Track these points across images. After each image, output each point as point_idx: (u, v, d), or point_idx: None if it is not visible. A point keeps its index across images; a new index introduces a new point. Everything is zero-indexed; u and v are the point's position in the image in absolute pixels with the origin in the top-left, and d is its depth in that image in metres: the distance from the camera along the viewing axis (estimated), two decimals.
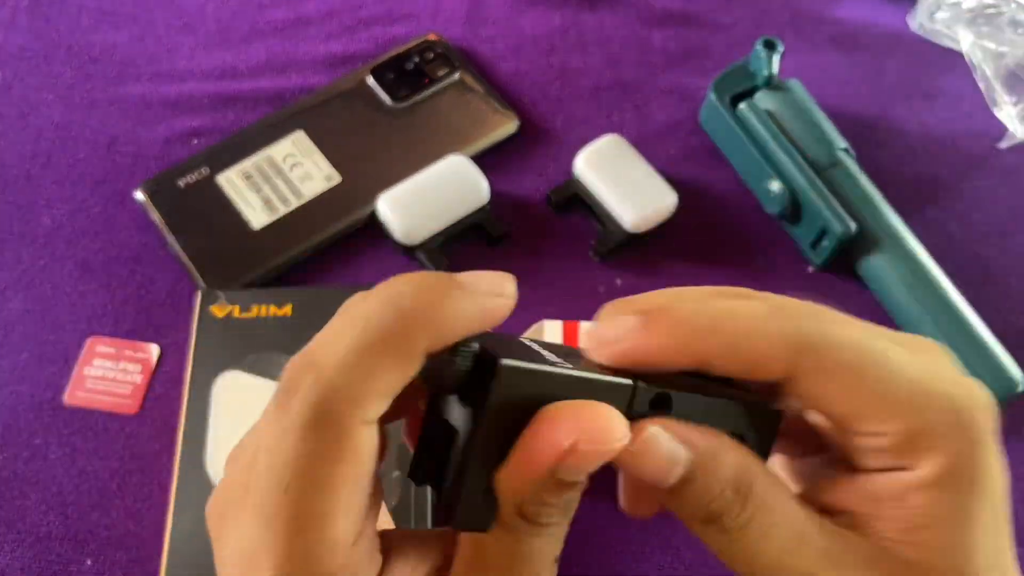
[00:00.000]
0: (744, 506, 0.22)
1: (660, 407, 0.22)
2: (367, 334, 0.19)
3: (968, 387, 0.24)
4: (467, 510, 0.21)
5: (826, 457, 0.26)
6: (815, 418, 0.25)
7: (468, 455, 0.21)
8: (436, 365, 0.20)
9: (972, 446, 0.23)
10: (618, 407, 0.21)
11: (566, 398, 0.21)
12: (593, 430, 0.20)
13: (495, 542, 0.22)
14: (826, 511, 0.23)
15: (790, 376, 0.22)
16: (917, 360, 0.23)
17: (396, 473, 0.41)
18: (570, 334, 0.44)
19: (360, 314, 0.20)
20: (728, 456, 0.22)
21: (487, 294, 0.22)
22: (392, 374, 0.20)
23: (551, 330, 0.44)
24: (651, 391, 0.22)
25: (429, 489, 0.27)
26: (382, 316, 0.20)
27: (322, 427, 0.19)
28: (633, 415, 0.22)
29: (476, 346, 0.21)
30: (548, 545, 0.23)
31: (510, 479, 0.21)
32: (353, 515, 0.20)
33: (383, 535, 0.23)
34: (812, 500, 0.24)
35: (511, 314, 0.23)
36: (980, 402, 0.23)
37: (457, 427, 0.21)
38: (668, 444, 0.21)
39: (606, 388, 0.21)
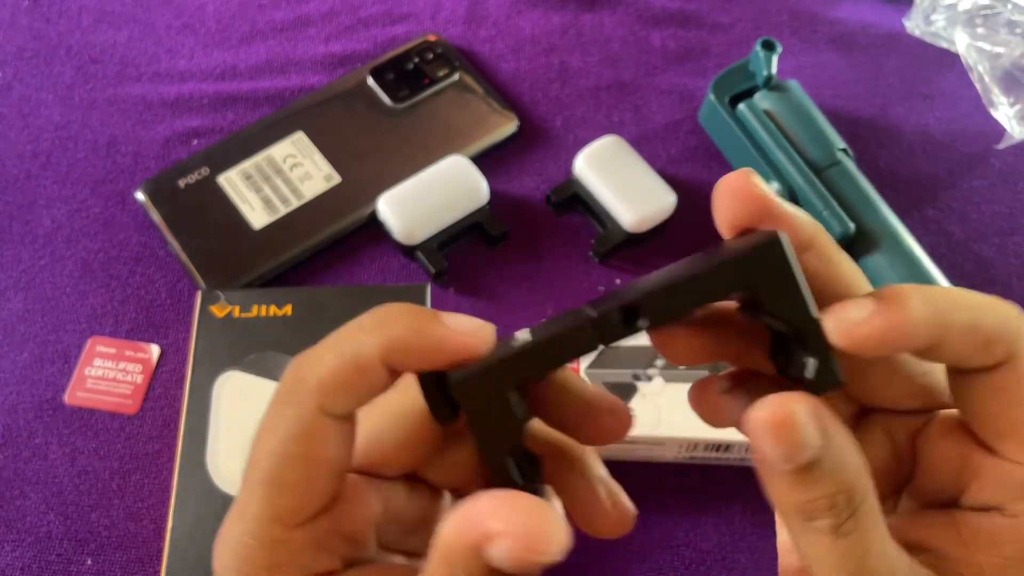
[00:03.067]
0: (852, 516, 0.21)
1: (632, 317, 0.22)
2: (339, 360, 0.22)
3: None
4: None
5: (906, 501, 0.25)
6: (928, 450, 0.24)
7: (481, 458, 0.22)
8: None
9: None
10: (591, 344, 0.21)
11: (534, 367, 0.22)
12: (521, 531, 0.19)
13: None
14: (909, 547, 0.23)
15: (995, 366, 0.22)
16: None
17: None
18: None
19: (338, 339, 0.23)
20: (854, 460, 0.21)
21: (460, 332, 0.23)
22: (355, 383, 0.22)
23: None
24: (614, 312, 0.21)
25: None
26: (359, 335, 0.23)
27: (292, 405, 0.22)
28: (609, 341, 0.22)
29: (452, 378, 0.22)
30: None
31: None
32: (312, 492, 0.22)
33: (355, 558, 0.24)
34: (896, 534, 0.23)
35: (513, 314, 0.23)
36: None
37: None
38: (807, 428, 0.20)
39: (566, 336, 0.22)
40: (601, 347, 0.22)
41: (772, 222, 0.23)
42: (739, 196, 0.24)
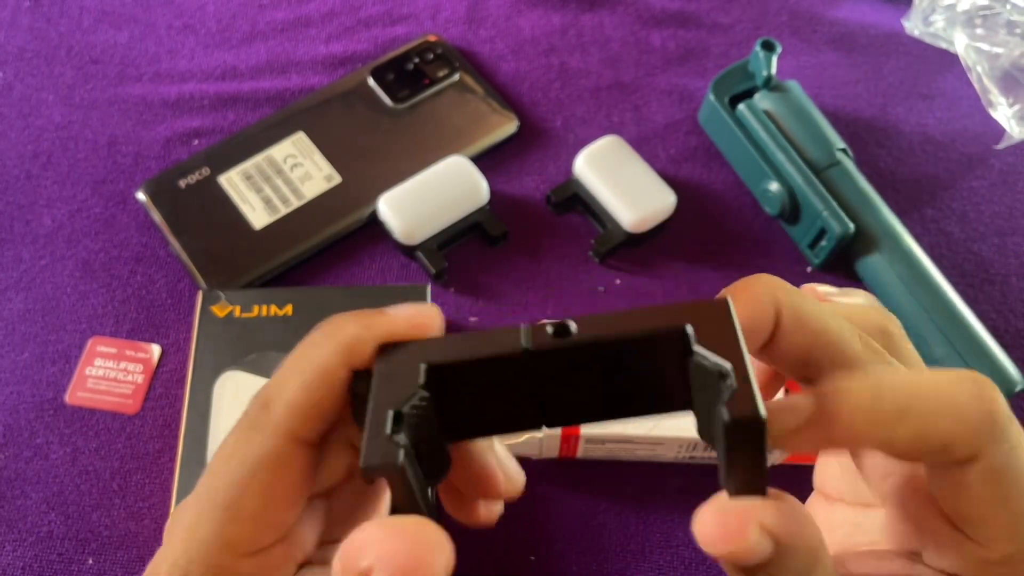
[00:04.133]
0: None
1: (562, 329, 0.22)
2: (303, 364, 0.23)
3: None
4: (370, 448, 0.21)
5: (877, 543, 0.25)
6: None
7: (367, 409, 0.22)
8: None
9: None
10: (515, 345, 0.22)
11: (456, 352, 0.22)
12: (398, 565, 0.19)
13: None
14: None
15: (963, 461, 0.21)
16: None
17: None
18: None
19: (299, 351, 0.24)
20: (803, 547, 0.20)
21: (404, 317, 0.23)
22: (321, 397, 0.22)
23: None
24: (546, 323, 0.22)
25: None
26: (314, 349, 0.23)
27: (258, 431, 0.22)
28: (536, 346, 0.22)
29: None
30: None
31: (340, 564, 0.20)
32: (272, 521, 0.22)
33: None
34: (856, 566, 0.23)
35: (513, 314, 0.24)
36: None
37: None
38: (763, 545, 0.19)
39: (495, 335, 0.22)
40: (524, 348, 0.22)
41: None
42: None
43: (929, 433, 0.20)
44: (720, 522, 0.20)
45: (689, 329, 0.21)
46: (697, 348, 0.21)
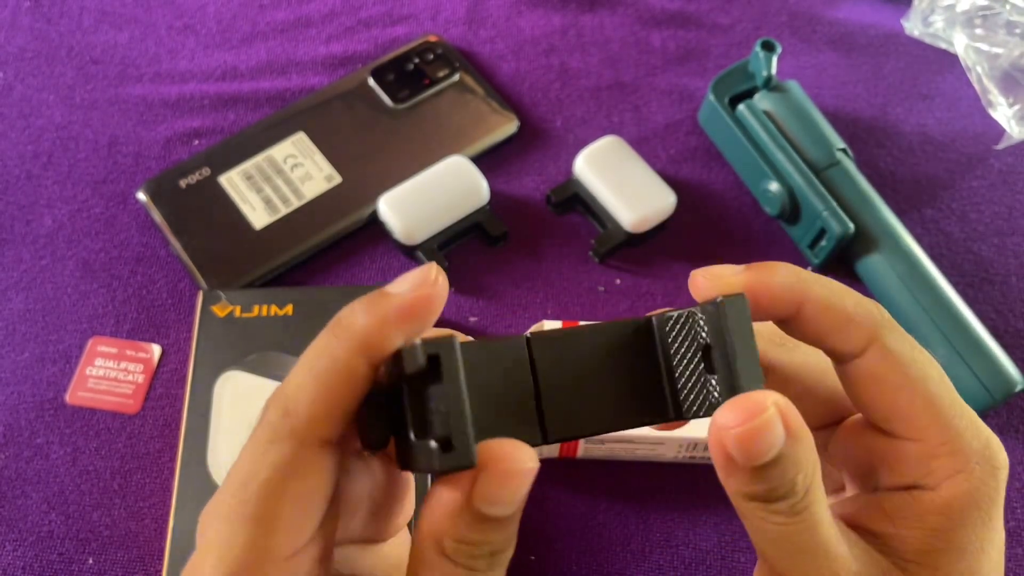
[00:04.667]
0: (806, 495, 0.22)
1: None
2: (314, 370, 0.22)
3: (994, 437, 0.25)
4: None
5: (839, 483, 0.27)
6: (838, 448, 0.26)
7: (458, 399, 0.21)
8: (395, 365, 0.22)
9: (996, 481, 0.24)
10: (520, 346, 0.23)
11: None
12: (499, 455, 0.21)
13: None
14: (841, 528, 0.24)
15: (862, 350, 0.24)
16: (959, 396, 0.24)
17: None
18: None
19: (308, 353, 0.23)
20: (808, 440, 0.22)
21: (410, 291, 0.23)
22: (342, 397, 0.22)
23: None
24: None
25: None
26: (320, 355, 0.22)
27: (280, 442, 0.22)
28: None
29: (418, 342, 0.22)
30: None
31: (429, 514, 0.22)
32: (299, 529, 0.22)
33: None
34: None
35: (513, 314, 0.24)
36: (1002, 448, 0.24)
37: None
38: (777, 431, 0.21)
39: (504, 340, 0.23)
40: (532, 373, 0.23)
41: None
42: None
43: (837, 304, 0.24)
44: (738, 406, 0.22)
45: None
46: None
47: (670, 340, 0.25)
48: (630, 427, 0.25)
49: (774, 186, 0.49)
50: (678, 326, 0.25)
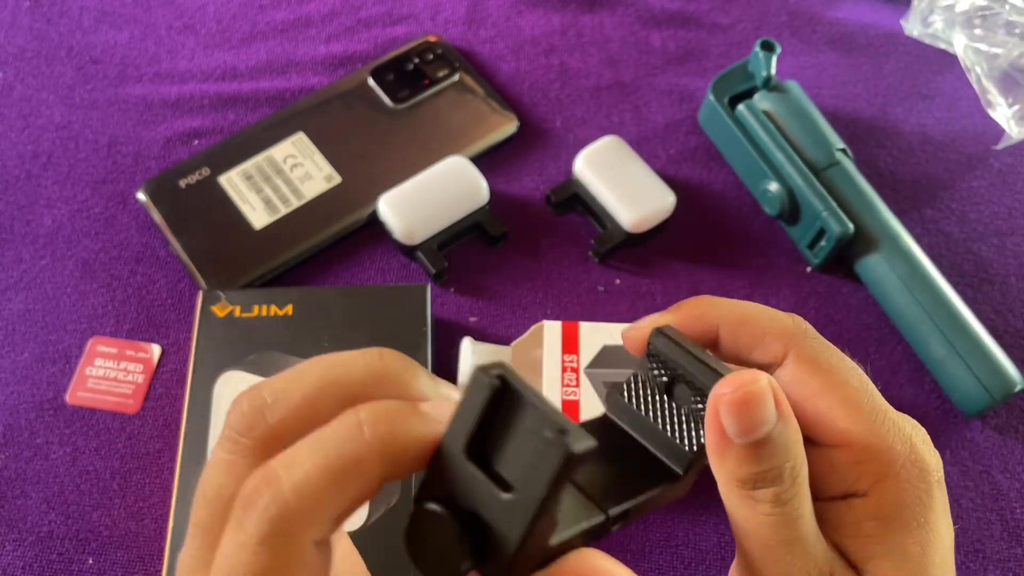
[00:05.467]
0: (792, 484, 0.23)
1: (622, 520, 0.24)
2: (327, 462, 0.20)
3: (923, 433, 0.25)
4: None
5: None
6: None
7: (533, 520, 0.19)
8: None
9: (925, 483, 0.24)
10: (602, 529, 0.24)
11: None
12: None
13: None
14: None
15: (781, 360, 0.25)
16: (881, 398, 0.25)
17: None
18: (569, 334, 0.44)
19: (323, 439, 0.20)
20: (797, 431, 0.23)
21: (444, 422, 0.21)
22: (346, 501, 0.20)
23: (551, 330, 0.44)
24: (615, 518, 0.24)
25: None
26: (341, 446, 0.20)
27: (275, 545, 0.19)
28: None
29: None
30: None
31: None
32: None
33: None
34: None
35: (513, 314, 0.24)
36: (931, 448, 0.25)
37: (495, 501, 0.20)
38: (768, 406, 0.22)
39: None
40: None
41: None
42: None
43: (751, 320, 0.25)
44: (732, 378, 0.23)
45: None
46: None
47: (637, 408, 0.26)
48: (659, 498, 0.25)
49: (774, 186, 0.49)
50: (633, 392, 0.25)
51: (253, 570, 0.19)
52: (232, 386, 0.43)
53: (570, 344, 0.44)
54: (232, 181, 0.50)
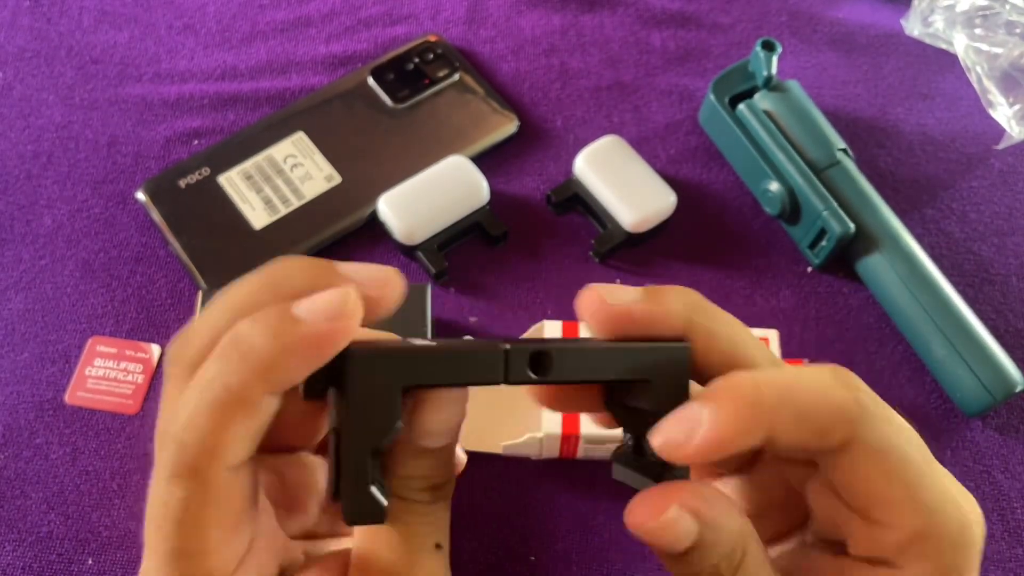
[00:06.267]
0: (736, 573, 0.22)
1: (539, 366, 0.22)
2: (204, 395, 0.21)
3: (971, 502, 0.24)
4: (353, 502, 0.21)
5: (806, 538, 0.26)
6: (814, 498, 0.25)
7: (340, 446, 0.21)
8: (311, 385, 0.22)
9: (967, 560, 0.23)
10: (494, 375, 0.21)
11: (433, 374, 0.21)
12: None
13: (371, 531, 0.23)
14: None
15: (839, 447, 0.22)
16: (937, 465, 0.23)
17: None
18: (569, 334, 0.44)
19: (201, 373, 0.21)
20: (729, 528, 0.22)
21: (325, 321, 0.21)
22: (240, 424, 0.21)
23: (551, 330, 0.44)
24: (525, 352, 0.22)
25: None
26: (215, 378, 0.21)
27: (183, 479, 0.21)
28: (512, 380, 0.22)
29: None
30: (423, 527, 0.23)
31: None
32: (229, 548, 0.22)
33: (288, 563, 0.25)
34: (789, 571, 0.24)
35: (513, 314, 0.24)
36: (979, 518, 0.24)
37: (334, 426, 0.22)
38: (685, 523, 0.22)
39: (474, 356, 0.21)
40: (501, 382, 0.22)
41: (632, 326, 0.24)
42: (598, 318, 0.24)
43: (809, 418, 0.22)
44: (643, 501, 0.22)
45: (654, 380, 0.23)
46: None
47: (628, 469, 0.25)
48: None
49: (774, 186, 0.49)
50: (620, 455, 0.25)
51: (166, 502, 0.21)
52: None
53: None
54: (232, 181, 0.50)
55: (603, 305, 0.23)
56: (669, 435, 0.22)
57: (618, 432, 0.25)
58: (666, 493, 0.22)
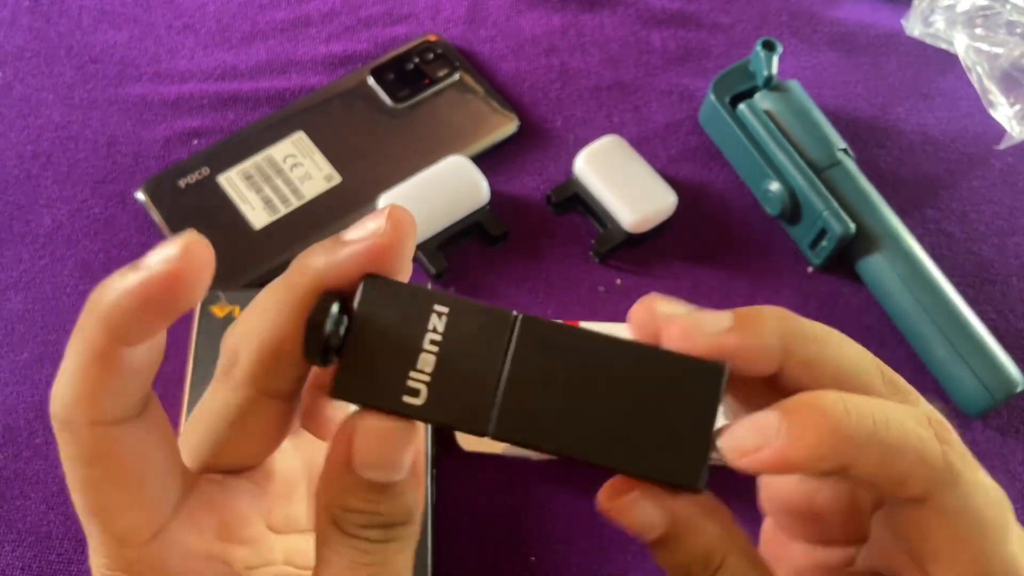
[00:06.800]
0: None
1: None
2: (73, 349, 0.21)
3: None
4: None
5: (856, 563, 0.25)
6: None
7: (348, 341, 0.21)
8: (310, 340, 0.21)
9: None
10: (499, 338, 0.21)
11: (432, 312, 0.21)
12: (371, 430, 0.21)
13: (322, 559, 0.21)
14: None
15: (915, 498, 0.21)
16: (1015, 533, 0.22)
17: None
18: None
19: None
20: (704, 531, 0.21)
21: (163, 263, 0.21)
22: (102, 378, 0.21)
23: None
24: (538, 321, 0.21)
25: None
26: (81, 331, 0.21)
27: (61, 431, 0.21)
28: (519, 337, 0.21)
29: (334, 306, 0.21)
30: (359, 568, 0.21)
31: (320, 481, 0.21)
32: (139, 512, 0.22)
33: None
34: None
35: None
36: None
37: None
38: (646, 510, 0.21)
39: (483, 313, 0.21)
40: (506, 353, 0.21)
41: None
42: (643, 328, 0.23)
43: (892, 465, 0.20)
44: (612, 483, 0.22)
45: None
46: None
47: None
48: (619, 469, 0.21)
49: (775, 186, 0.49)
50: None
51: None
52: None
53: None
54: (232, 181, 0.50)
55: (689, 339, 0.21)
56: (739, 440, 0.20)
57: None
58: (636, 481, 0.21)
